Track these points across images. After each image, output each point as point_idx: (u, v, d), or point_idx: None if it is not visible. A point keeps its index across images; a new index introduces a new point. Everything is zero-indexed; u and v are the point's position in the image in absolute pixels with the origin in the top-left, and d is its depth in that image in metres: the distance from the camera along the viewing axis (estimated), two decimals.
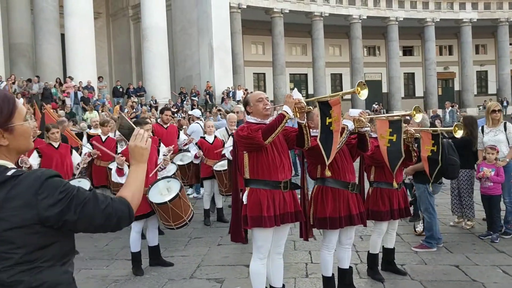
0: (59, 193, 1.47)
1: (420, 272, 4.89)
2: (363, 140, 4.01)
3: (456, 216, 6.82)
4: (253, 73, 34.12)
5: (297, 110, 3.47)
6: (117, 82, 23.84)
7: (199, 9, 24.68)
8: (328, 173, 3.61)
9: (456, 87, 38.25)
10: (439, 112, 23.89)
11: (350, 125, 3.91)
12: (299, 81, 35.58)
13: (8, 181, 1.46)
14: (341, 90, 37.03)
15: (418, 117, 4.00)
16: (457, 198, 6.63)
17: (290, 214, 3.63)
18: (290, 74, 34.02)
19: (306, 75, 35.27)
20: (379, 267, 4.87)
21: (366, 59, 34.51)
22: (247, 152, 3.63)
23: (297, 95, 3.55)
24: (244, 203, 3.62)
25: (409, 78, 38.68)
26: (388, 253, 4.95)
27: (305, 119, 3.52)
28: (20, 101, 1.64)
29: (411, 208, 6.86)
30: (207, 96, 22.87)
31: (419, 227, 6.33)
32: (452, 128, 4.18)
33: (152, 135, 6.23)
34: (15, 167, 1.56)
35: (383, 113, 31.06)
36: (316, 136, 3.56)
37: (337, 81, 36.88)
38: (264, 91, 31.40)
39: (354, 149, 4.14)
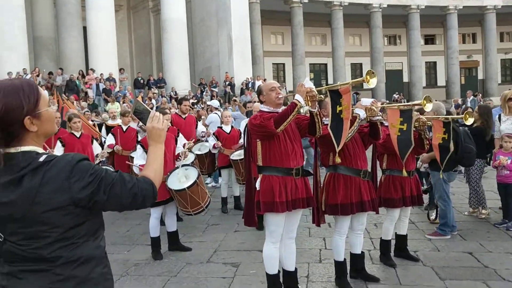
0: (89, 175, 1.57)
1: (432, 259, 4.96)
2: (375, 128, 4.10)
3: (471, 207, 6.80)
4: (273, 64, 34.09)
5: (308, 98, 3.58)
6: (138, 73, 24.17)
7: (218, 0, 24.76)
8: (338, 160, 3.71)
9: (480, 76, 37.54)
10: (461, 101, 23.56)
11: (362, 114, 4.00)
12: (318, 71, 35.47)
13: (41, 166, 1.55)
14: None
15: (429, 107, 4.05)
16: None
17: (301, 200, 3.75)
18: (309, 64, 33.88)
19: (325, 65, 35.07)
20: (392, 253, 4.96)
21: (386, 48, 34.12)
22: (260, 140, 3.76)
23: (308, 84, 3.64)
24: (257, 189, 3.75)
25: (431, 67, 38.11)
26: (401, 239, 5.03)
27: (317, 108, 3.63)
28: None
29: (427, 196, 6.92)
30: (229, 87, 23.01)
31: (433, 215, 6.37)
32: (463, 115, 4.21)
33: (170, 125, 6.41)
34: (45, 152, 1.65)
35: (404, 103, 30.80)
36: (328, 125, 3.66)
37: (357, 70, 36.56)
38: (284, 81, 31.36)
39: (366, 137, 4.22)
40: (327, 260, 4.92)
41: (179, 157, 5.28)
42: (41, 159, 1.57)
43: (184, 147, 5.69)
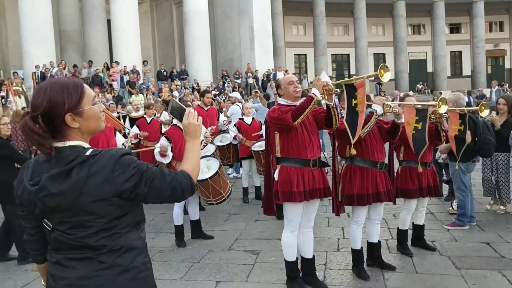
0: (131, 169, 1.65)
1: (449, 249, 5.04)
2: (396, 130, 4.20)
3: (491, 200, 6.74)
4: (294, 54, 34.04)
5: (325, 92, 3.69)
6: (161, 66, 24.49)
7: None
8: (353, 151, 3.83)
9: (507, 65, 36.76)
10: (486, 91, 23.16)
11: (379, 110, 4.10)
12: (341, 62, 35.27)
13: (87, 160, 1.64)
14: None
15: (444, 108, 4.11)
16: (489, 179, 6.54)
17: (318, 190, 3.89)
18: (332, 54, 33.69)
19: (348, 55, 34.84)
20: (409, 243, 5.06)
21: (410, 38, 33.67)
22: (278, 132, 3.90)
23: (325, 77, 3.76)
24: (276, 179, 3.90)
25: (456, 57, 37.45)
26: (418, 229, 5.11)
27: (333, 101, 3.74)
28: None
29: (446, 187, 6.95)
30: (254, 80, 23.10)
31: (453, 206, 6.41)
32: (478, 107, 4.26)
33: None
34: (91, 146, 1.74)
35: (427, 93, 30.42)
36: (344, 117, 3.78)
37: (380, 61, 36.15)
38: (306, 72, 31.33)
39: (384, 133, 4.32)
40: (345, 249, 5.05)
41: (202, 144, 5.44)
42: (87, 153, 1.66)
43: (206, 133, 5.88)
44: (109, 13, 21.82)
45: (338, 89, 3.69)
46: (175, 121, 5.56)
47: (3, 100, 15.72)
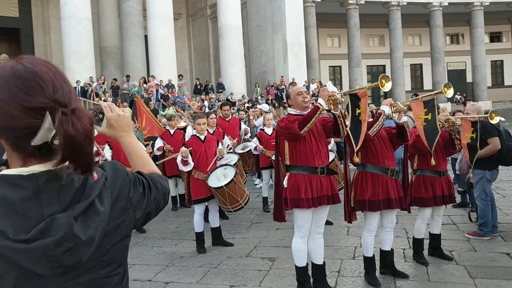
0: (139, 185, 1.29)
1: (466, 258, 5.00)
2: (403, 131, 4.27)
3: None
4: (329, 66, 34.09)
5: (331, 102, 3.82)
6: (196, 79, 25.09)
7: (274, 5, 25.18)
8: (356, 159, 3.92)
9: None
10: None
11: (387, 110, 4.19)
12: (376, 73, 34.93)
13: (105, 182, 1.21)
14: (422, 81, 35.86)
15: (450, 93, 4.16)
16: None
17: (327, 197, 3.99)
18: (367, 66, 33.57)
19: (383, 66, 34.54)
20: (426, 252, 5.05)
21: (448, 48, 33.12)
22: (287, 141, 4.04)
23: (331, 88, 3.88)
24: (285, 186, 4.03)
25: (497, 66, 36.44)
26: (434, 238, 5.10)
27: (339, 110, 3.86)
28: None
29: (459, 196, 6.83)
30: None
31: (475, 216, 6.30)
32: (488, 114, 4.27)
33: (216, 128, 6.84)
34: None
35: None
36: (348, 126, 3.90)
37: (417, 71, 35.74)
38: (340, 83, 31.30)
39: (395, 138, 4.39)
40: (360, 257, 5.06)
41: (218, 156, 5.63)
42: (97, 174, 1.20)
43: (227, 147, 6.09)
44: (147, 29, 22.62)
45: (342, 99, 3.81)
46: (194, 132, 5.79)
47: None
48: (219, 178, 5.40)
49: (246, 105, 19.80)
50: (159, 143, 7.50)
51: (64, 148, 1.01)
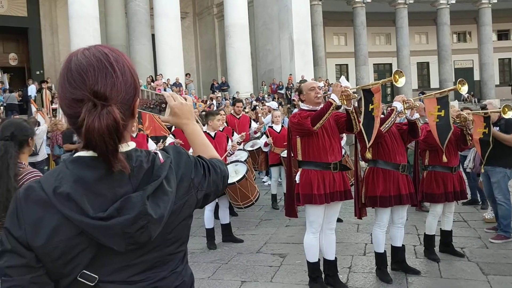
0: (201, 166, 1.35)
1: (478, 255, 4.99)
2: (414, 127, 4.27)
3: None
4: (335, 65, 33.97)
5: (344, 97, 3.82)
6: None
7: (280, 3, 25.14)
8: (368, 155, 3.92)
9: None
10: None
11: (399, 106, 4.19)
12: (383, 71, 34.83)
13: (171, 163, 1.25)
14: (429, 79, 35.70)
15: (464, 89, 4.14)
16: None
17: (339, 192, 3.99)
18: (373, 64, 33.43)
19: (390, 64, 34.38)
20: (437, 249, 5.04)
21: (455, 46, 32.91)
22: (299, 137, 4.04)
23: (344, 83, 3.89)
24: (297, 182, 4.04)
25: (505, 64, 36.19)
26: (446, 235, 5.09)
27: (352, 106, 3.86)
28: None
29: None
30: (296, 92, 23.31)
31: (489, 214, 6.25)
32: (501, 109, 4.25)
33: (226, 125, 6.86)
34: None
35: (474, 102, 29.51)
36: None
37: (424, 70, 35.56)
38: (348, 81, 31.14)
39: (406, 135, 4.39)
40: (371, 254, 5.08)
41: (229, 152, 5.65)
42: (160, 156, 1.27)
43: (236, 143, 6.11)
44: (154, 28, 22.67)
45: (356, 95, 3.81)
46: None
47: (55, 112, 16.62)
48: (230, 174, 5.41)
49: (254, 103, 19.79)
50: (169, 140, 7.51)
51: (85, 137, 1.07)
